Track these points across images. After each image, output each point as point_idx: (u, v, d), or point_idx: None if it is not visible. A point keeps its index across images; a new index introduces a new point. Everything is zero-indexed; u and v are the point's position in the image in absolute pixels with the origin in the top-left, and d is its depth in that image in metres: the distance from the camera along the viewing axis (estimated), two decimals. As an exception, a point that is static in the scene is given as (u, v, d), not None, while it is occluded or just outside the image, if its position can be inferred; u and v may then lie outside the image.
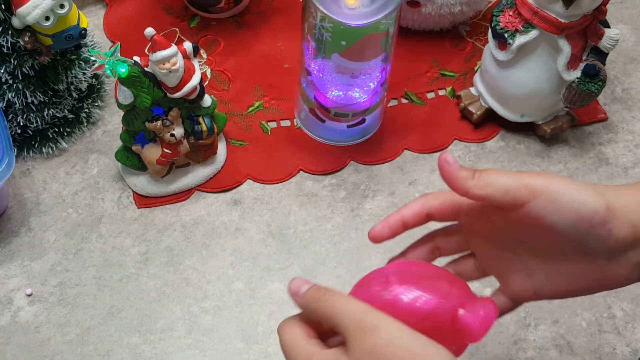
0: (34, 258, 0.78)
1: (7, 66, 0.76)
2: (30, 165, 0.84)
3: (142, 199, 0.82)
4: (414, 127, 0.88)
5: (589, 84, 0.79)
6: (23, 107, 0.80)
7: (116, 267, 0.77)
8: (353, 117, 0.83)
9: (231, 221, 0.81)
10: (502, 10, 0.80)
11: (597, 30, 0.78)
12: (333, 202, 0.82)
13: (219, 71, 0.91)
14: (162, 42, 0.71)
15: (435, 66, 0.92)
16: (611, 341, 0.74)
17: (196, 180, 0.82)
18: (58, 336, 0.73)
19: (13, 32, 0.74)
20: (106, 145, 0.85)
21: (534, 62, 0.80)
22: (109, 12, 0.96)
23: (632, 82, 0.92)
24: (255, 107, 0.88)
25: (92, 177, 0.83)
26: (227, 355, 0.73)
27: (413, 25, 0.93)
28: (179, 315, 0.75)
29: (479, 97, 0.87)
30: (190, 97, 0.76)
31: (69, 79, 0.81)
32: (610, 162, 0.86)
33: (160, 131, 0.76)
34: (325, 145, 0.86)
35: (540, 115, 0.85)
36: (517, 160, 0.86)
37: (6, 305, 0.75)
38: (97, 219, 0.80)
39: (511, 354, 0.73)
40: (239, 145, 0.86)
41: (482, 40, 0.94)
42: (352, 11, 0.72)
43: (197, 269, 0.77)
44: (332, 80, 0.79)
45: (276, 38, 0.94)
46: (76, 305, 0.75)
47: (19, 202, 0.81)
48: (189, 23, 0.95)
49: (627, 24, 0.97)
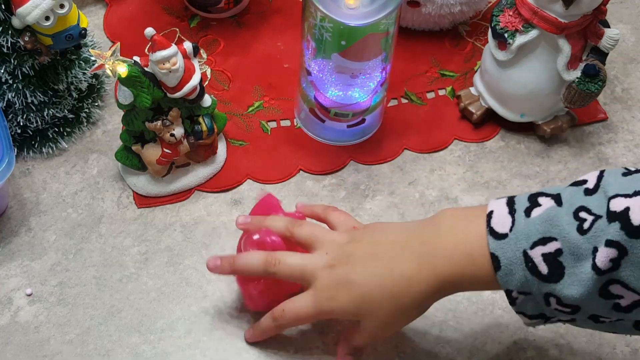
0: (34, 258, 0.78)
1: (7, 66, 0.76)
2: (30, 165, 0.84)
3: (142, 198, 0.82)
4: (414, 127, 0.88)
5: (589, 84, 0.79)
6: (23, 107, 0.80)
7: (116, 267, 0.77)
8: (353, 117, 0.83)
9: (231, 221, 0.80)
10: (502, 10, 0.80)
11: (597, 30, 0.78)
12: (333, 202, 0.82)
13: (219, 71, 0.91)
14: (162, 42, 0.71)
15: (435, 66, 0.92)
16: (611, 341, 0.74)
17: (196, 180, 0.82)
18: (58, 336, 0.73)
19: (13, 32, 0.74)
20: (106, 145, 0.85)
21: (534, 62, 0.80)
22: (109, 12, 0.96)
23: (632, 82, 0.92)
24: (255, 107, 0.88)
25: (92, 177, 0.83)
26: (227, 355, 0.73)
27: (413, 25, 0.93)
28: (179, 315, 0.75)
29: (479, 97, 0.87)
30: (190, 97, 0.76)
31: (69, 79, 0.81)
32: (610, 162, 0.86)
33: (160, 131, 0.76)
34: (325, 145, 0.86)
35: (540, 115, 0.85)
36: (517, 160, 0.86)
37: (6, 305, 0.75)
38: (97, 219, 0.80)
39: (511, 354, 0.73)
40: (239, 145, 0.86)
41: (482, 40, 0.94)
42: (352, 11, 0.72)
43: (197, 269, 0.77)
44: (332, 80, 0.79)
45: (276, 38, 0.94)
46: (76, 305, 0.75)
47: (19, 202, 0.81)
48: (189, 23, 0.95)
49: (627, 24, 0.97)
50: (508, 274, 0.59)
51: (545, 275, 0.57)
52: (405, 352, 0.73)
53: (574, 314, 0.59)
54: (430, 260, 0.62)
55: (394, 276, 0.63)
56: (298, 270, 0.67)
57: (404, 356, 0.73)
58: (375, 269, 0.64)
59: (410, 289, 0.63)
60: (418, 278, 0.62)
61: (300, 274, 0.67)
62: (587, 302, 0.57)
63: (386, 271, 0.64)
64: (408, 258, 0.63)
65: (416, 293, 0.63)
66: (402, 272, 0.63)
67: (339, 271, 0.65)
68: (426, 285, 0.62)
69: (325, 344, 0.73)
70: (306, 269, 0.67)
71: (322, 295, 0.65)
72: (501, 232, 0.59)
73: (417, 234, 0.64)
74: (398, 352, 0.73)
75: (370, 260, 0.65)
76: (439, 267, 0.61)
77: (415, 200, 0.82)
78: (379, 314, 0.64)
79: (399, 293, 0.63)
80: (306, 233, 0.69)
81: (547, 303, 0.59)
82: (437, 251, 0.62)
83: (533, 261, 0.57)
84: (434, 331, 0.74)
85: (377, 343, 0.73)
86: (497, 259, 0.59)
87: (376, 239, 0.67)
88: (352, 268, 0.65)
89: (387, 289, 0.63)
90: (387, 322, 0.65)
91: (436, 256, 0.62)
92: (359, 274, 0.64)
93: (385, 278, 0.63)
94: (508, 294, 0.60)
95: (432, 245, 0.62)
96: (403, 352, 0.73)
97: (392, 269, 0.63)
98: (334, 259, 0.66)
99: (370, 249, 0.66)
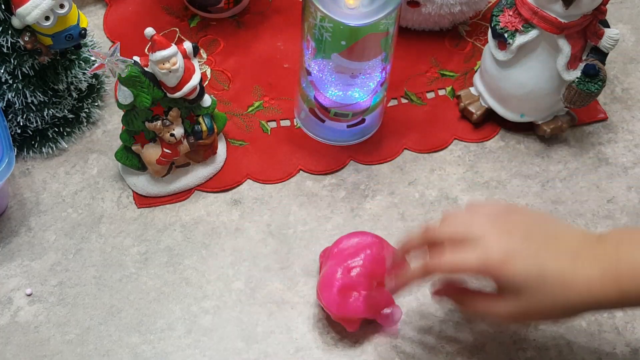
0: (34, 258, 0.78)
1: (7, 66, 0.76)
2: (30, 165, 0.84)
3: (142, 198, 0.82)
4: (413, 127, 0.88)
5: (589, 84, 0.79)
6: (23, 107, 0.80)
7: (116, 267, 0.77)
8: (353, 117, 0.83)
9: (231, 221, 0.81)
10: (501, 10, 0.80)
11: (596, 30, 0.78)
12: (333, 202, 0.82)
13: (219, 71, 0.91)
14: (162, 42, 0.71)
15: (435, 66, 0.92)
16: (611, 341, 0.74)
17: (196, 180, 0.82)
18: (58, 336, 0.73)
19: (13, 32, 0.74)
20: (106, 145, 0.85)
21: (534, 62, 0.80)
22: (109, 12, 0.96)
23: (632, 82, 0.92)
24: (255, 107, 0.88)
25: (92, 177, 0.83)
26: (227, 355, 0.73)
27: (413, 25, 0.93)
28: (179, 315, 0.75)
29: (479, 97, 0.87)
30: (190, 97, 0.76)
31: (68, 79, 0.81)
32: (610, 161, 0.86)
33: (160, 131, 0.76)
34: (325, 145, 0.86)
35: (540, 115, 0.85)
36: (517, 160, 0.86)
37: (6, 305, 0.75)
38: (97, 219, 0.80)
39: (511, 354, 0.73)
40: (239, 145, 0.86)
41: (482, 40, 0.94)
42: (352, 11, 0.72)
43: (196, 269, 0.77)
44: (332, 80, 0.79)
45: (276, 38, 0.94)
46: (76, 305, 0.75)
47: (19, 202, 0.81)
48: (189, 23, 0.95)
49: (627, 24, 0.97)
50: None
51: None
52: (405, 352, 0.73)
53: None
54: (615, 273, 0.60)
55: (576, 273, 0.60)
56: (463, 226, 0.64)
57: (404, 356, 0.73)
58: (559, 257, 0.61)
59: (588, 292, 0.60)
60: (600, 286, 0.60)
61: (464, 230, 0.64)
62: None
63: (569, 263, 0.61)
64: (593, 261, 0.61)
65: (592, 298, 0.60)
66: (585, 271, 0.60)
67: (516, 239, 0.62)
68: (604, 295, 0.60)
69: (325, 343, 0.73)
70: (473, 226, 0.64)
71: (494, 255, 0.62)
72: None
73: (600, 242, 0.62)
74: (398, 352, 0.73)
75: (553, 244, 0.62)
76: (624, 282, 0.60)
77: (415, 200, 0.82)
78: (544, 301, 0.61)
79: (577, 292, 0.60)
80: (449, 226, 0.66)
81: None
82: (621, 265, 0.60)
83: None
84: (434, 331, 0.74)
85: (376, 343, 0.73)
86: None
87: (560, 228, 0.65)
88: (533, 245, 0.62)
89: (567, 282, 0.61)
90: (544, 312, 0.62)
91: (620, 270, 0.60)
92: (540, 253, 0.62)
93: (567, 270, 0.61)
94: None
95: (617, 258, 0.61)
96: (403, 352, 0.73)
97: (574, 264, 0.61)
98: (509, 228, 0.63)
99: (553, 233, 0.64)
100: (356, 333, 0.73)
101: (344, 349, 0.73)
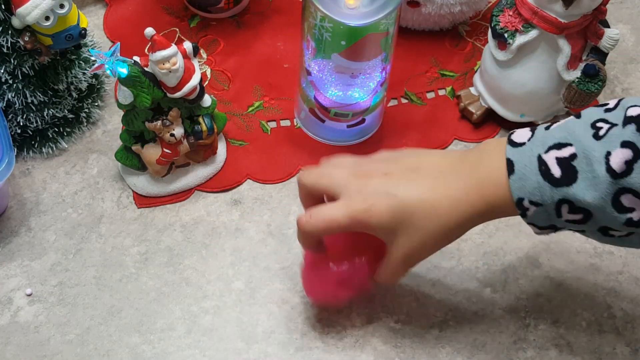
0: (34, 258, 0.78)
1: (7, 66, 0.76)
2: (30, 165, 0.84)
3: (142, 199, 0.82)
4: (414, 127, 0.88)
5: (589, 84, 0.79)
6: (23, 107, 0.80)
7: (116, 267, 0.77)
8: (353, 117, 0.83)
9: (231, 221, 0.81)
10: (501, 10, 0.80)
11: (596, 30, 0.78)
12: (333, 202, 0.82)
13: (219, 71, 0.91)
14: (162, 42, 0.71)
15: (435, 66, 0.92)
16: (611, 341, 0.74)
17: (196, 180, 0.82)
18: (58, 336, 0.73)
19: (13, 32, 0.74)
20: (106, 145, 0.85)
21: (534, 62, 0.80)
22: (109, 12, 0.96)
23: (632, 82, 0.92)
24: (255, 107, 0.88)
25: (92, 177, 0.83)
26: (227, 355, 0.73)
27: (413, 25, 0.93)
28: (179, 315, 0.75)
29: (479, 97, 0.87)
30: (190, 97, 0.76)
31: (69, 79, 0.81)
32: (610, 162, 0.86)
33: (160, 131, 0.76)
34: (325, 145, 0.86)
35: (540, 115, 0.85)
36: (517, 160, 0.86)
37: (6, 305, 0.75)
38: (97, 219, 0.80)
39: (511, 354, 0.73)
40: (239, 145, 0.86)
41: (482, 40, 0.94)
42: (352, 11, 0.72)
43: (197, 269, 0.77)
44: (332, 80, 0.79)
45: (276, 38, 0.94)
46: (76, 305, 0.75)
47: (19, 202, 0.81)
48: (189, 23, 0.95)
49: (627, 24, 0.97)
50: (521, 179, 0.59)
51: (558, 178, 0.57)
52: (405, 352, 0.73)
53: (585, 223, 0.59)
54: (477, 183, 0.61)
55: (438, 195, 0.61)
56: (326, 178, 0.64)
57: (404, 356, 0.73)
58: (419, 185, 0.62)
59: (454, 210, 0.61)
60: (465, 200, 0.61)
61: (327, 182, 0.64)
62: (600, 209, 0.57)
63: (429, 188, 0.62)
64: (454, 179, 0.61)
65: (461, 214, 0.61)
66: (447, 191, 0.61)
67: (375, 181, 0.62)
68: (472, 207, 0.61)
69: (325, 344, 0.73)
70: (334, 178, 0.64)
71: (357, 204, 0.62)
72: (519, 141, 0.60)
73: (461, 159, 0.63)
74: (398, 352, 0.73)
75: (412, 174, 0.63)
76: (485, 190, 0.60)
77: (415, 200, 0.82)
78: (419, 231, 0.61)
79: (444, 212, 0.61)
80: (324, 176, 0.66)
81: (558, 214, 0.59)
82: (481, 175, 0.61)
83: (546, 164, 0.58)
84: (434, 331, 0.74)
85: (376, 343, 0.73)
86: (511, 164, 0.59)
87: (420, 158, 0.65)
88: (392, 180, 0.62)
89: (432, 205, 0.61)
90: (425, 242, 0.62)
91: (481, 180, 0.61)
92: (400, 187, 0.62)
93: (428, 194, 0.61)
94: (520, 205, 0.60)
95: (477, 170, 0.61)
96: (403, 352, 0.73)
97: (435, 187, 0.61)
98: (369, 170, 0.64)
99: (412, 164, 0.64)
100: (356, 333, 0.73)
101: (344, 349, 0.73)
